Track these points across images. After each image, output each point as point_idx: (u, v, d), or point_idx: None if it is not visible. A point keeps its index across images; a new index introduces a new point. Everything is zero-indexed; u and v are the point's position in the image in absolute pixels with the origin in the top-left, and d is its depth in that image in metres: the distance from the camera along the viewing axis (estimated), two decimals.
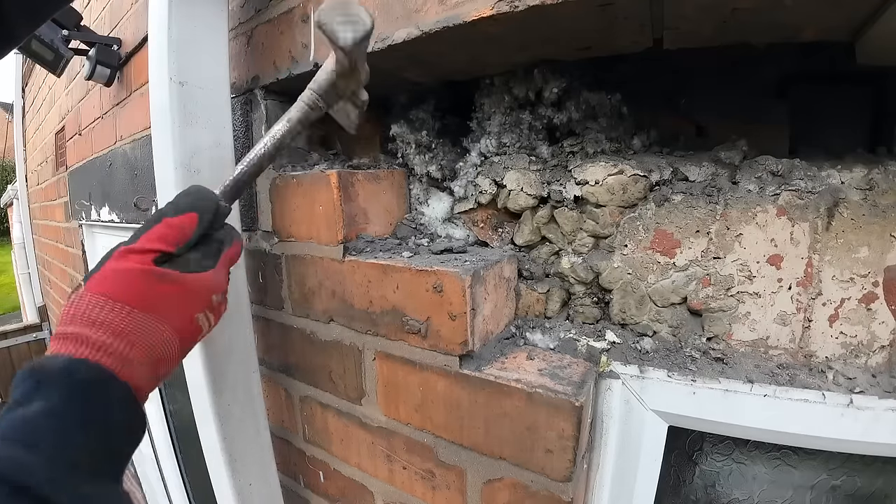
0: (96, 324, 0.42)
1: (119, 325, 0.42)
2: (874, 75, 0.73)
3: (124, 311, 0.43)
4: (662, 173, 0.63)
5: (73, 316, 0.42)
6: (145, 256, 0.45)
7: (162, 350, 0.45)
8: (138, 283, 0.44)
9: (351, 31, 0.42)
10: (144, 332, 0.44)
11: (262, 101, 0.83)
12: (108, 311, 0.42)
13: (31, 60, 1.47)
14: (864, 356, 0.55)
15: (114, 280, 0.44)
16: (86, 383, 0.39)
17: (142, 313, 0.44)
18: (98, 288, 0.43)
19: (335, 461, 0.84)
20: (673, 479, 0.67)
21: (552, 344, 0.67)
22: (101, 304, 0.42)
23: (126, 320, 0.43)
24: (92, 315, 0.42)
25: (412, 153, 0.80)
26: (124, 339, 0.42)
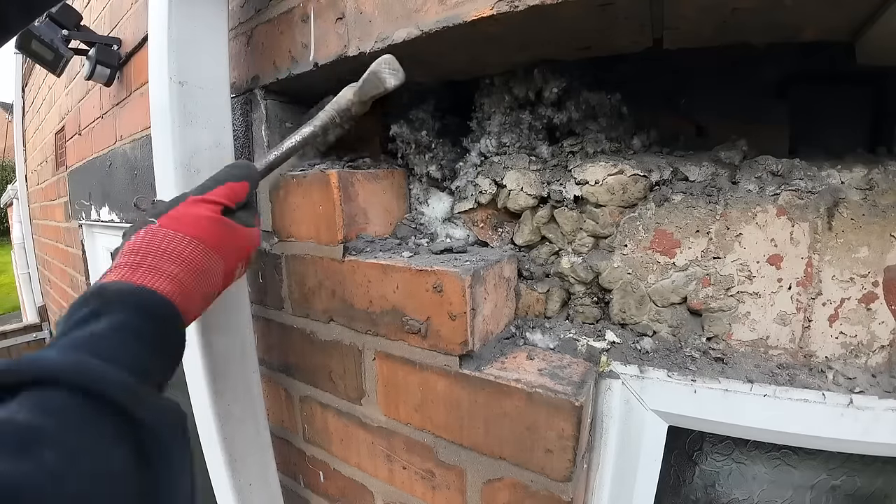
0: (170, 256, 0.46)
1: (192, 259, 0.47)
2: (874, 75, 0.73)
3: (200, 248, 0.49)
4: (662, 173, 0.63)
5: (147, 247, 0.46)
6: (215, 206, 0.52)
7: (213, 286, 0.51)
8: (213, 226, 0.51)
9: (394, 79, 0.59)
10: (209, 269, 0.50)
11: (262, 101, 0.83)
12: (185, 246, 0.48)
13: (31, 60, 1.47)
14: (864, 356, 0.55)
15: (190, 220, 0.50)
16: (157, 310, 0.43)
17: (211, 251, 0.50)
18: (174, 225, 0.48)
19: (335, 461, 0.84)
20: (673, 478, 0.67)
21: (552, 344, 0.67)
22: (178, 239, 0.47)
23: (201, 257, 0.48)
24: (166, 246, 0.47)
25: (412, 153, 0.80)
26: (194, 272, 0.47)
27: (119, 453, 0.32)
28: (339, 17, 0.66)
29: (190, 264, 0.47)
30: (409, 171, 0.82)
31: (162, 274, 0.45)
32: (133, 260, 0.45)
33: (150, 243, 0.46)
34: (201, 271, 0.48)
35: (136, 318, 0.41)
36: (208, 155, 0.71)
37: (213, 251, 0.50)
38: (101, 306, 0.40)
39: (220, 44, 0.73)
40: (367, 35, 0.63)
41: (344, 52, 0.67)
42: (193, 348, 0.72)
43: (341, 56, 0.67)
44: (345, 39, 0.66)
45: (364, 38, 0.64)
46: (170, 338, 0.45)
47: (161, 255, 0.46)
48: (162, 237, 0.47)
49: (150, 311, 0.43)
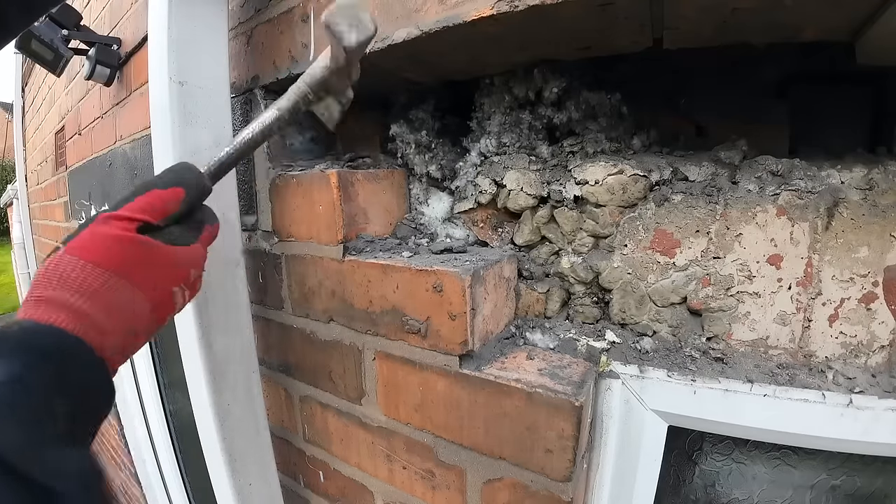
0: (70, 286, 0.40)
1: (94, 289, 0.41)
2: (874, 75, 0.73)
3: (104, 275, 0.41)
4: (662, 173, 0.63)
5: (48, 278, 0.40)
6: (129, 224, 0.44)
7: (134, 320, 0.44)
8: (119, 247, 0.43)
9: (356, 33, 0.44)
10: (120, 299, 0.42)
11: (262, 101, 0.83)
12: (86, 273, 0.41)
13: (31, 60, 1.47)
14: (863, 356, 0.55)
15: (94, 243, 0.42)
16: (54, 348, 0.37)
17: (120, 279, 0.42)
18: (77, 251, 0.42)
19: (335, 461, 0.84)
20: (673, 478, 0.67)
21: (552, 344, 0.67)
22: (79, 266, 0.41)
23: (104, 285, 0.41)
24: (67, 276, 0.40)
25: (412, 153, 0.80)
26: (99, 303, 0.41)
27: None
28: None
29: (93, 294, 0.41)
30: (409, 170, 0.82)
31: (63, 307, 0.39)
32: (36, 294, 0.40)
33: (51, 273, 0.41)
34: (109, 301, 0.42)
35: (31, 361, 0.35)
36: (208, 155, 0.70)
37: (119, 277, 0.42)
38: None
39: (220, 44, 0.73)
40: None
41: None
42: (193, 348, 0.72)
43: None
44: None
45: None
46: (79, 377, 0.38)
47: (60, 286, 0.40)
48: (64, 265, 0.41)
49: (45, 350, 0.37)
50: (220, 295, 0.74)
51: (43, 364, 0.36)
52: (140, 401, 2.18)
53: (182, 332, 0.73)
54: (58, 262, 0.41)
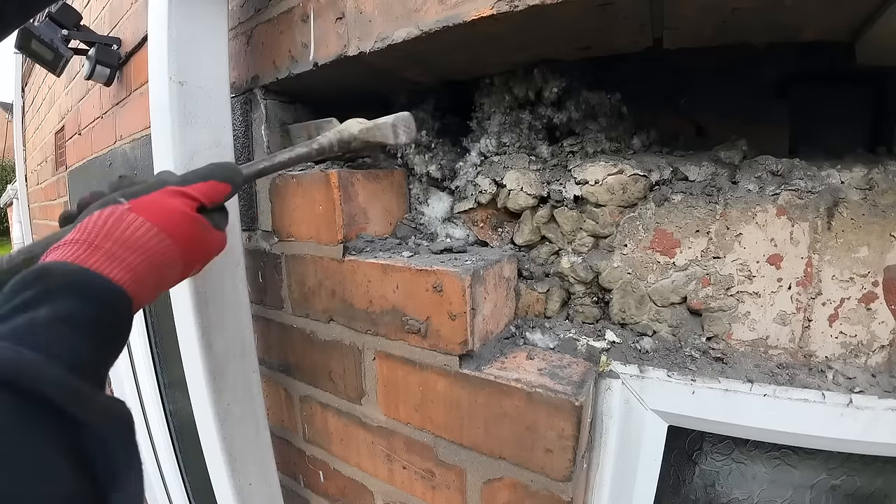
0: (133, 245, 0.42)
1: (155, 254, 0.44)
2: (874, 75, 0.73)
3: (166, 242, 0.45)
4: (662, 173, 0.63)
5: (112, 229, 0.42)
6: (192, 202, 0.49)
7: (167, 285, 0.49)
8: (186, 223, 0.47)
9: (405, 137, 0.61)
10: (169, 268, 0.46)
11: (262, 101, 0.83)
12: (151, 237, 0.44)
13: (31, 60, 1.47)
14: (863, 356, 0.55)
15: (166, 212, 0.46)
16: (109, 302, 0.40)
17: (178, 249, 0.46)
18: (145, 212, 0.45)
19: (335, 461, 0.84)
20: (673, 478, 0.67)
21: (552, 343, 0.67)
22: (145, 228, 0.44)
23: (165, 252, 0.45)
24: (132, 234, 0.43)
25: (412, 153, 0.80)
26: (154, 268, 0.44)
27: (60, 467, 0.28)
28: (338, 16, 0.66)
29: (152, 258, 0.43)
30: (408, 170, 0.82)
31: (120, 263, 0.41)
32: (90, 239, 0.41)
33: (113, 225, 0.42)
34: (160, 266, 0.45)
35: (84, 307, 0.37)
36: (208, 155, 0.71)
37: (178, 248, 0.46)
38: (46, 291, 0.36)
39: (220, 43, 0.73)
40: (367, 35, 0.63)
41: (344, 51, 0.67)
42: (193, 348, 0.72)
43: (341, 56, 0.67)
44: (345, 39, 0.66)
45: (364, 38, 0.64)
46: (118, 330, 0.41)
47: (123, 242, 0.42)
48: (128, 222, 0.43)
49: (100, 299, 0.39)
50: (220, 295, 0.74)
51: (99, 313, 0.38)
52: (140, 401, 2.18)
53: (182, 332, 0.73)
54: (121, 216, 0.43)
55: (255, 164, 0.58)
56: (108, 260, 0.40)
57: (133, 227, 0.43)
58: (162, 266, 0.45)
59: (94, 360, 0.36)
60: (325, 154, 0.61)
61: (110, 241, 0.41)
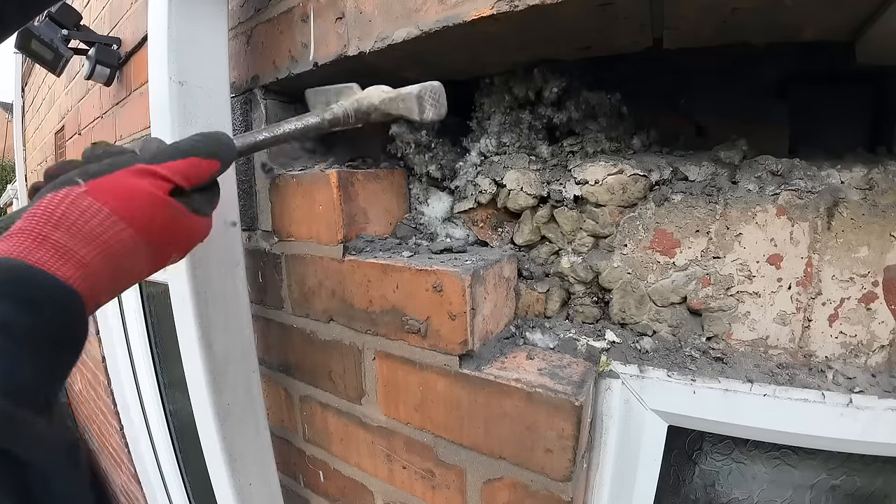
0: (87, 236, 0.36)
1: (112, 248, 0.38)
2: (874, 75, 0.73)
3: (126, 233, 0.38)
4: (662, 173, 0.63)
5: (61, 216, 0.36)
6: (164, 184, 0.41)
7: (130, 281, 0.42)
8: (151, 208, 0.40)
9: (432, 112, 0.52)
10: (131, 262, 0.40)
11: (262, 101, 0.83)
12: (109, 226, 0.37)
13: (31, 60, 1.47)
14: (863, 356, 0.55)
15: (126, 195, 0.39)
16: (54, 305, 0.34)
17: (140, 240, 0.40)
18: (104, 196, 0.38)
19: (335, 461, 0.84)
20: (673, 478, 0.67)
21: (552, 343, 0.67)
22: (102, 215, 0.37)
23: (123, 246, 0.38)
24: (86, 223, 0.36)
25: (412, 153, 0.80)
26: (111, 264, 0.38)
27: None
28: (338, 16, 0.66)
29: (109, 250, 0.37)
30: (409, 170, 0.82)
31: (71, 257, 0.35)
32: (38, 229, 0.35)
33: (65, 212, 0.36)
34: (120, 262, 0.39)
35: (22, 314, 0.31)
36: None
37: (142, 240, 0.40)
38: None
39: (220, 43, 0.73)
40: (367, 35, 0.63)
41: (344, 51, 0.67)
42: (193, 348, 0.72)
43: (341, 56, 0.67)
44: (344, 39, 0.66)
45: (364, 38, 0.64)
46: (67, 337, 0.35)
47: (76, 233, 0.36)
48: (83, 209, 0.36)
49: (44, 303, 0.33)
50: (220, 295, 0.74)
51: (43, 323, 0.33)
52: (140, 401, 2.18)
53: (182, 332, 0.73)
54: (75, 202, 0.37)
55: (251, 135, 0.51)
56: (56, 254, 0.35)
57: (88, 214, 0.37)
58: (121, 258, 0.39)
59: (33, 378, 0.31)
60: (339, 125, 0.54)
61: (60, 230, 0.35)
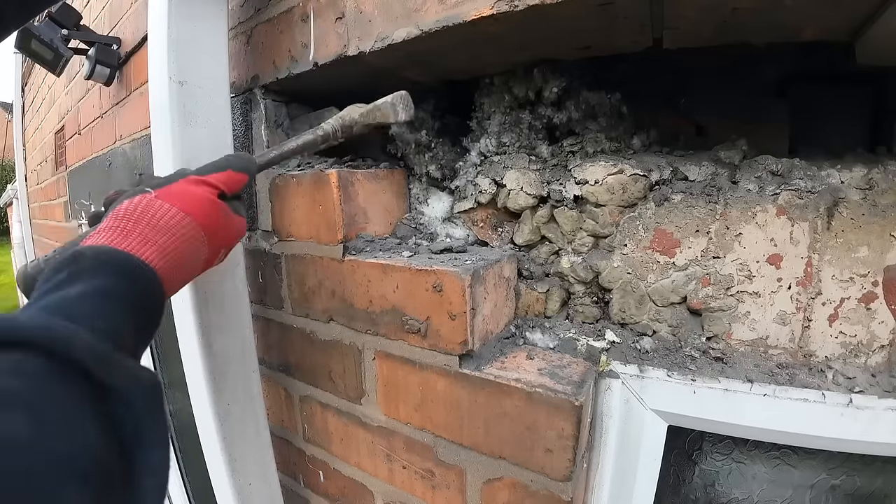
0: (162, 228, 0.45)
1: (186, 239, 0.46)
2: (874, 75, 0.73)
3: (193, 226, 0.47)
4: (662, 173, 0.63)
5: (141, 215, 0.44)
6: (214, 190, 0.52)
7: (195, 269, 0.50)
8: (210, 208, 0.50)
9: (405, 115, 0.64)
10: (195, 250, 0.48)
11: (262, 101, 0.83)
12: (179, 221, 0.46)
13: (31, 60, 1.47)
14: (863, 356, 0.55)
15: (191, 199, 0.49)
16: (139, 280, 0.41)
17: (204, 234, 0.49)
18: (171, 199, 0.47)
19: (335, 461, 0.84)
20: (673, 478, 0.67)
21: (552, 343, 0.67)
22: (173, 212, 0.46)
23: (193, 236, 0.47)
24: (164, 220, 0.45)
25: (412, 153, 0.80)
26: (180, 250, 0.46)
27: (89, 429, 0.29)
28: (338, 16, 0.66)
29: (181, 241, 0.46)
30: (408, 170, 0.82)
31: (151, 244, 0.43)
32: (121, 225, 0.43)
33: (142, 212, 0.45)
34: (189, 250, 0.47)
35: (115, 282, 0.38)
36: (208, 154, 0.71)
37: (204, 233, 0.49)
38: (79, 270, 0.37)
39: (220, 43, 0.73)
40: (367, 35, 0.63)
41: (344, 51, 0.67)
42: (193, 348, 0.72)
43: (341, 56, 0.67)
44: (344, 39, 0.66)
45: (364, 38, 0.64)
46: (150, 307, 0.42)
47: (153, 226, 0.44)
48: (156, 208, 0.45)
49: (131, 275, 0.40)
50: (220, 295, 0.74)
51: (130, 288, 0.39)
52: None
53: (182, 332, 0.73)
54: (149, 203, 0.46)
55: (265, 155, 0.61)
56: (139, 242, 0.42)
57: (161, 212, 0.45)
58: (190, 250, 0.47)
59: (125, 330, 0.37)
60: (329, 141, 0.63)
61: (141, 225, 0.44)
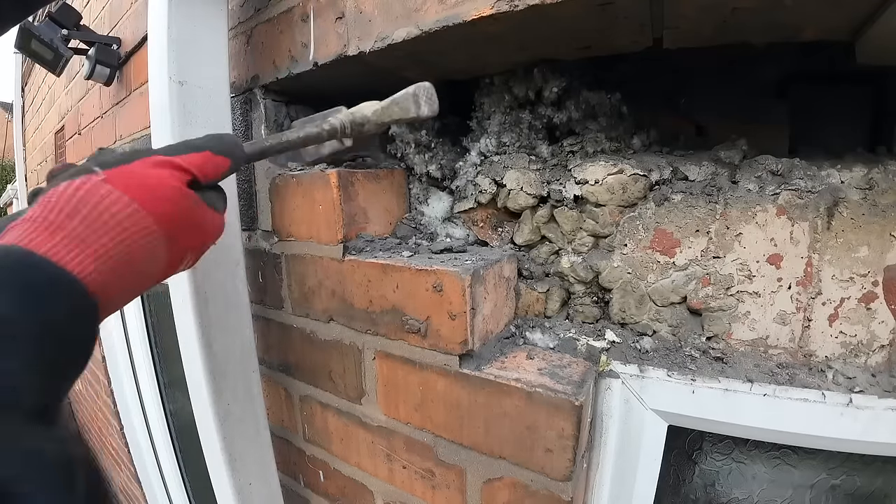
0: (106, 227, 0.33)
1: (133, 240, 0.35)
2: (874, 75, 0.73)
3: (148, 223, 0.36)
4: (662, 173, 0.63)
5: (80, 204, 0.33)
6: (183, 175, 0.40)
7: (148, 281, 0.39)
8: (176, 199, 0.38)
9: (428, 109, 0.54)
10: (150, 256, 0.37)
11: (262, 101, 0.83)
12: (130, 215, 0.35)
13: (31, 60, 1.47)
14: (863, 356, 0.55)
15: (148, 185, 0.37)
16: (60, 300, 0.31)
17: (161, 233, 0.37)
18: (124, 184, 0.35)
19: (335, 460, 0.84)
20: (673, 478, 0.67)
21: (552, 343, 0.67)
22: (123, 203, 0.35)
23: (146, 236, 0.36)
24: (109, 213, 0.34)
25: (412, 153, 0.80)
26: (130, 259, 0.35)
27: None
28: (338, 16, 0.66)
29: (128, 242, 0.35)
30: (408, 170, 0.82)
31: (85, 247, 0.32)
32: (49, 217, 0.32)
33: (81, 200, 0.33)
34: (140, 254, 0.36)
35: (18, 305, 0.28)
36: None
37: (163, 231, 0.37)
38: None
39: (220, 43, 0.73)
40: (367, 34, 0.63)
41: (344, 51, 0.67)
42: (193, 348, 0.72)
43: (341, 56, 0.67)
44: (344, 39, 0.66)
45: (364, 38, 0.64)
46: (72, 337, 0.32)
47: (93, 221, 0.33)
48: (102, 196, 0.34)
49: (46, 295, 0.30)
50: (220, 295, 0.74)
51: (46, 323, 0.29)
52: (140, 401, 2.18)
53: (182, 332, 0.73)
54: (93, 189, 0.34)
55: (258, 143, 0.52)
56: (68, 244, 0.32)
57: (107, 202, 0.34)
58: (142, 252, 0.36)
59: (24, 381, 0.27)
60: (335, 136, 0.56)
61: (76, 219, 0.33)
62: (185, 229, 0.40)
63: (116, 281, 0.35)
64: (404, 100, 0.53)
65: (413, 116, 0.54)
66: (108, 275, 0.34)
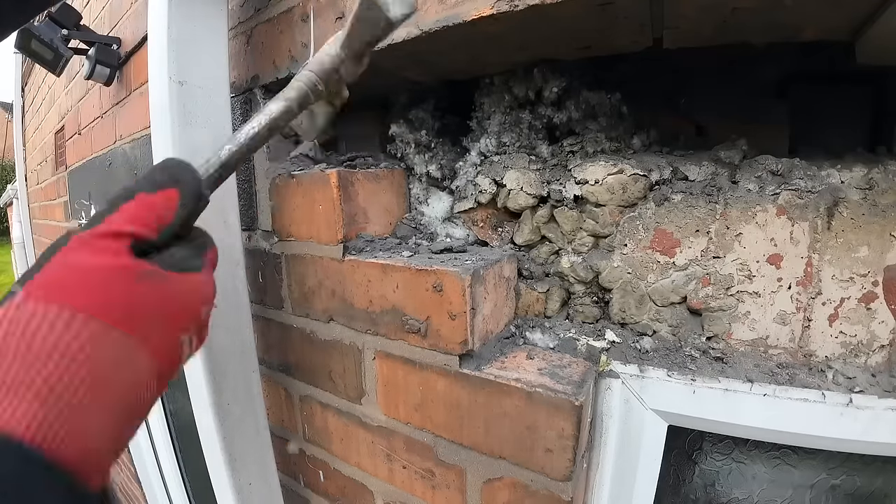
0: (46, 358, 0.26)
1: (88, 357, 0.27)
2: (874, 75, 0.73)
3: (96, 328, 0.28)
4: (662, 173, 0.63)
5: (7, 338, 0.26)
6: (118, 243, 0.30)
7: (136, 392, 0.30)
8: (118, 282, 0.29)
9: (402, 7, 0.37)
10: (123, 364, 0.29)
11: (262, 101, 0.83)
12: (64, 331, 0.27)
13: (31, 60, 1.47)
14: (863, 356, 0.55)
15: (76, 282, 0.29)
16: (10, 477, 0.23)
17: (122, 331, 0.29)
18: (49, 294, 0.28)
19: (335, 460, 0.84)
20: (673, 478, 0.67)
21: (552, 343, 0.67)
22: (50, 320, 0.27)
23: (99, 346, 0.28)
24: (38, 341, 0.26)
25: (412, 153, 0.80)
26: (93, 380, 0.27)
27: None
28: (338, 16, 0.66)
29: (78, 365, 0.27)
30: (409, 170, 0.82)
31: (17, 393, 0.25)
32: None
33: (5, 335, 0.26)
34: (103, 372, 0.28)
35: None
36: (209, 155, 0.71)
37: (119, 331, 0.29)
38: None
39: (220, 43, 0.73)
40: None
41: None
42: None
43: None
44: None
45: None
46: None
47: (20, 359, 0.26)
48: (25, 322, 0.27)
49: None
50: (220, 295, 0.73)
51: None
52: None
53: None
54: (15, 318, 0.27)
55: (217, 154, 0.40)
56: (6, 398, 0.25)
57: (33, 327, 0.27)
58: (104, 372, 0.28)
59: None
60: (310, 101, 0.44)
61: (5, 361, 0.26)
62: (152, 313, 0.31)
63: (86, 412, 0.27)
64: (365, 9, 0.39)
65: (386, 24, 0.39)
66: (67, 412, 0.26)
